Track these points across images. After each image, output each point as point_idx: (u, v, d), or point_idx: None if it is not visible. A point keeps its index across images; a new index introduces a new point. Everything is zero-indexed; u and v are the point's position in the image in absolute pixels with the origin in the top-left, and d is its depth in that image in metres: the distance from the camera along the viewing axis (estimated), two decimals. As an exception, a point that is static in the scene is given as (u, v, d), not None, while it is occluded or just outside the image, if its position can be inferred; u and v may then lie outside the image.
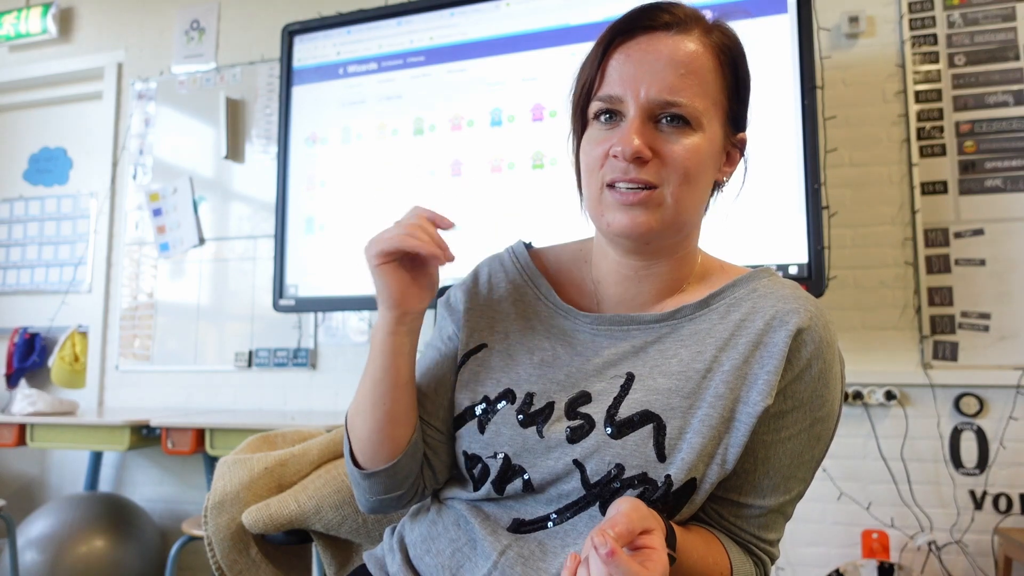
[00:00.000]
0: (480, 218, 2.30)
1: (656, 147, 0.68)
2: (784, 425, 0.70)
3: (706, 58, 0.70)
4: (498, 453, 0.73)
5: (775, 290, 0.72)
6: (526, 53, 2.30)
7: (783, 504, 0.73)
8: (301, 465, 1.08)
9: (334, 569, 1.05)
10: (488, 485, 0.73)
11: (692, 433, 0.67)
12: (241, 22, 2.96)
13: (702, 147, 0.69)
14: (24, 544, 2.41)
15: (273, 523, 1.01)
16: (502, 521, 0.73)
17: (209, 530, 1.04)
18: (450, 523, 0.76)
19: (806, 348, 0.68)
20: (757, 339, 0.69)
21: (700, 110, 0.69)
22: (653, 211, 0.69)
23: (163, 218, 2.95)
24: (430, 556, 0.75)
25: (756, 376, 0.68)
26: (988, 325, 2.07)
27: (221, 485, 1.06)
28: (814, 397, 0.69)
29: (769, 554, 0.75)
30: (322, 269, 2.50)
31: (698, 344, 0.71)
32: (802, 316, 0.69)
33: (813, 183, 1.94)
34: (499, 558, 0.70)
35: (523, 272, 0.83)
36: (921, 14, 2.20)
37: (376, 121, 2.48)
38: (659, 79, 0.67)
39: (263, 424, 2.21)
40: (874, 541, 2.08)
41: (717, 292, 0.74)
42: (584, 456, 0.69)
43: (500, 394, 0.75)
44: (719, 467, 0.68)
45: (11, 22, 3.22)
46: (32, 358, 3.07)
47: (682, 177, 0.68)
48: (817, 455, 0.73)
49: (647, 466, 0.67)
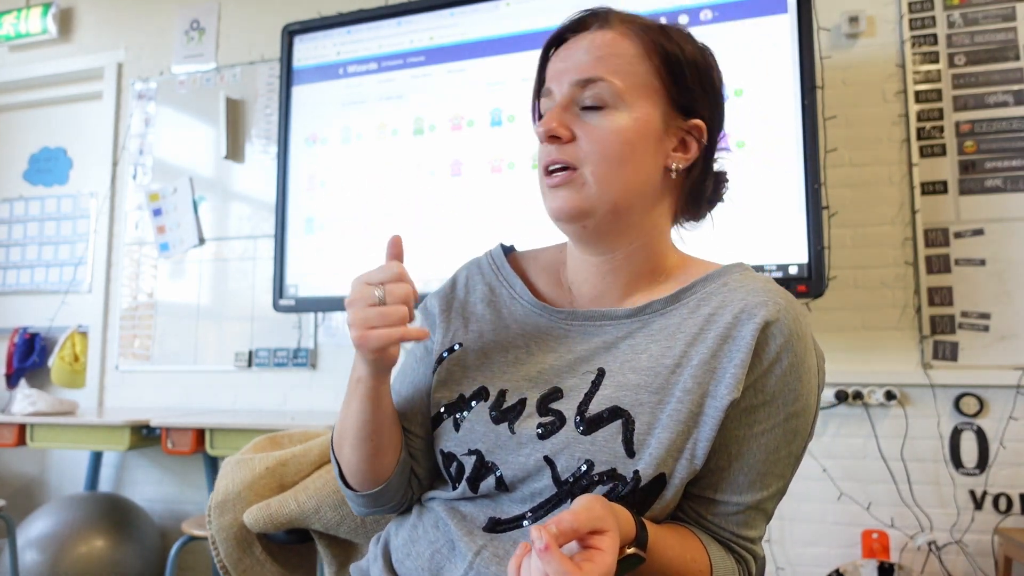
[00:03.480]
0: (480, 218, 2.30)
1: (576, 129, 0.71)
2: (757, 420, 0.69)
3: (625, 43, 0.73)
4: (472, 450, 0.73)
5: (745, 284, 0.72)
6: (526, 53, 2.30)
7: (761, 501, 0.72)
8: (302, 465, 1.08)
9: (334, 568, 1.05)
10: (464, 483, 0.74)
11: (660, 428, 0.67)
12: (241, 22, 2.96)
13: (625, 126, 0.71)
14: (24, 544, 2.41)
15: (273, 522, 1.01)
16: (478, 521, 0.73)
17: (213, 529, 1.05)
18: (429, 525, 0.77)
19: (774, 341, 0.68)
20: (725, 333, 0.69)
21: (620, 88, 0.71)
22: (577, 191, 0.71)
23: (163, 218, 2.95)
24: (410, 560, 0.76)
25: (724, 370, 0.68)
26: (988, 325, 2.07)
27: (224, 485, 1.06)
28: (786, 391, 0.69)
29: (751, 552, 0.74)
30: (322, 269, 2.50)
31: (668, 339, 0.71)
32: (770, 309, 0.68)
33: (813, 183, 1.94)
34: (474, 558, 0.70)
35: (498, 273, 0.84)
36: (921, 14, 2.20)
37: (376, 121, 2.48)
38: (576, 65, 0.72)
39: (263, 424, 2.22)
40: (874, 541, 2.08)
41: (687, 287, 0.74)
42: (554, 452, 0.69)
43: (475, 392, 0.76)
44: (688, 462, 0.67)
45: (11, 22, 3.22)
46: (32, 358, 3.07)
47: (600, 155, 0.70)
48: (795, 451, 0.72)
49: (616, 462, 0.67)
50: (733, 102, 2.06)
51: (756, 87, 2.05)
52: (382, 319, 0.68)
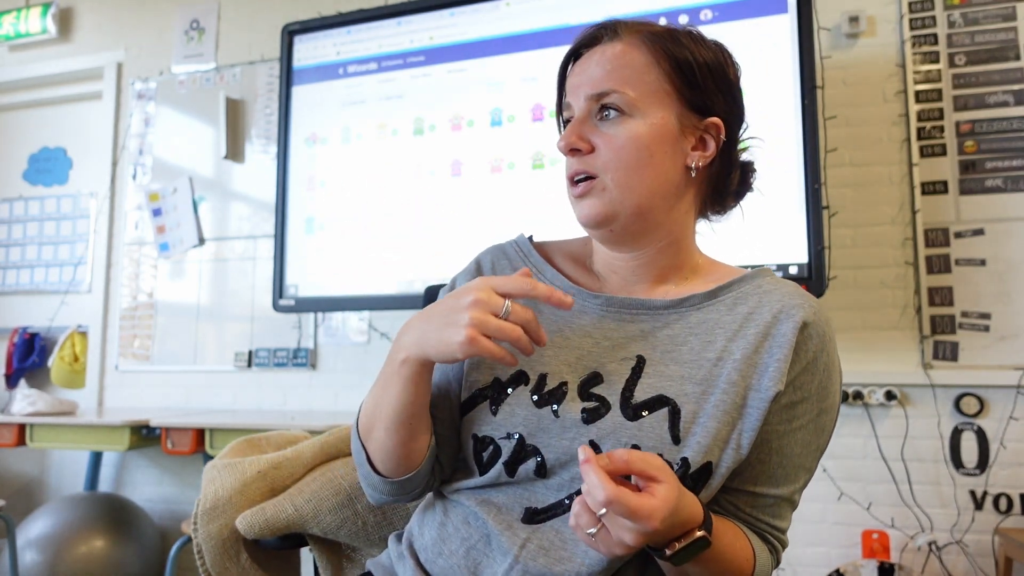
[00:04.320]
0: (480, 218, 2.30)
1: (595, 139, 0.75)
2: (796, 415, 0.73)
3: (635, 53, 0.76)
4: (512, 434, 0.73)
5: (779, 287, 0.77)
6: (526, 53, 2.30)
7: (793, 492, 0.77)
8: (294, 468, 1.05)
9: (329, 573, 1.03)
10: (499, 466, 0.73)
11: (706, 418, 0.70)
12: (241, 22, 2.96)
13: (642, 132, 0.74)
14: (24, 544, 2.41)
15: (269, 527, 0.98)
16: (515, 513, 0.72)
17: (199, 537, 1.00)
18: (459, 522, 0.76)
19: (812, 341, 0.73)
20: (765, 330, 0.73)
21: (633, 98, 0.74)
22: (599, 197, 0.75)
23: (163, 218, 2.95)
24: (443, 558, 0.75)
25: (766, 364, 0.71)
26: (988, 325, 2.07)
27: (212, 490, 1.02)
28: (820, 389, 0.74)
29: (781, 542, 0.79)
30: (322, 269, 2.50)
31: (707, 334, 0.74)
32: (807, 311, 0.73)
33: (813, 183, 1.94)
34: (520, 552, 0.70)
35: (527, 258, 0.85)
36: (921, 14, 2.20)
37: (376, 121, 2.48)
38: (591, 79, 0.76)
39: (263, 424, 2.21)
40: (874, 541, 2.08)
41: (724, 286, 0.77)
42: (600, 437, 0.70)
43: (512, 376, 0.76)
44: (734, 452, 0.70)
45: (11, 22, 3.22)
46: (32, 358, 3.07)
47: (618, 162, 0.74)
48: (822, 444, 0.77)
49: (662, 448, 0.69)
50: (733, 102, 2.06)
51: (756, 87, 2.04)
52: (499, 332, 0.67)
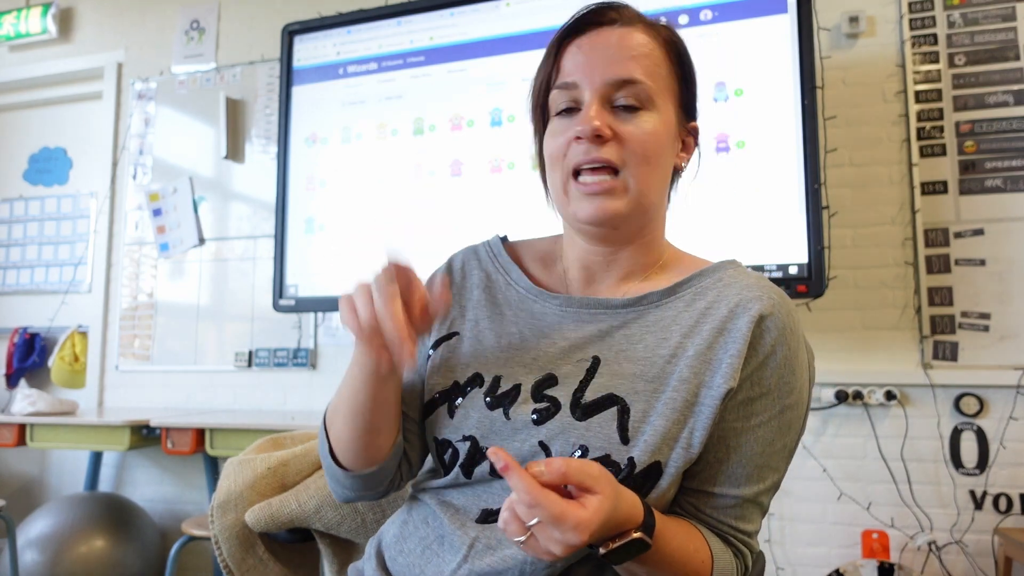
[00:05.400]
0: (480, 218, 2.30)
1: (615, 128, 0.71)
2: (753, 412, 0.70)
3: (653, 46, 0.74)
4: (466, 436, 0.74)
5: (739, 279, 0.74)
6: (526, 53, 2.30)
7: (758, 494, 0.73)
8: (303, 465, 1.09)
9: (335, 568, 1.05)
10: (456, 469, 0.74)
11: (656, 416, 0.68)
12: (241, 22, 2.96)
13: (659, 128, 0.72)
14: (24, 544, 2.41)
15: (275, 522, 1.02)
16: (471, 513, 0.73)
17: (216, 529, 1.05)
18: (419, 521, 0.77)
19: (769, 334, 0.69)
20: (721, 325, 0.70)
21: (654, 90, 0.72)
22: (619, 197, 0.72)
23: (163, 218, 2.95)
24: (402, 556, 0.76)
25: (720, 360, 0.69)
26: (988, 325, 2.07)
27: (227, 485, 1.07)
28: (781, 384, 0.70)
29: (748, 546, 0.75)
30: (322, 269, 2.50)
31: (663, 331, 0.72)
32: (765, 303, 0.70)
33: (813, 183, 1.94)
34: (469, 551, 0.70)
35: (495, 260, 0.86)
36: (921, 14, 2.20)
37: (376, 121, 2.48)
38: (611, 62, 0.71)
39: (263, 424, 2.22)
40: (874, 541, 2.08)
41: (683, 281, 0.75)
42: (549, 438, 0.70)
43: (469, 379, 0.76)
44: (684, 450, 0.68)
45: (11, 22, 3.22)
46: (32, 358, 3.07)
47: (641, 157, 0.71)
48: (789, 443, 0.73)
49: (610, 448, 0.67)
50: (733, 102, 2.07)
51: (756, 87, 2.05)
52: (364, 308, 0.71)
